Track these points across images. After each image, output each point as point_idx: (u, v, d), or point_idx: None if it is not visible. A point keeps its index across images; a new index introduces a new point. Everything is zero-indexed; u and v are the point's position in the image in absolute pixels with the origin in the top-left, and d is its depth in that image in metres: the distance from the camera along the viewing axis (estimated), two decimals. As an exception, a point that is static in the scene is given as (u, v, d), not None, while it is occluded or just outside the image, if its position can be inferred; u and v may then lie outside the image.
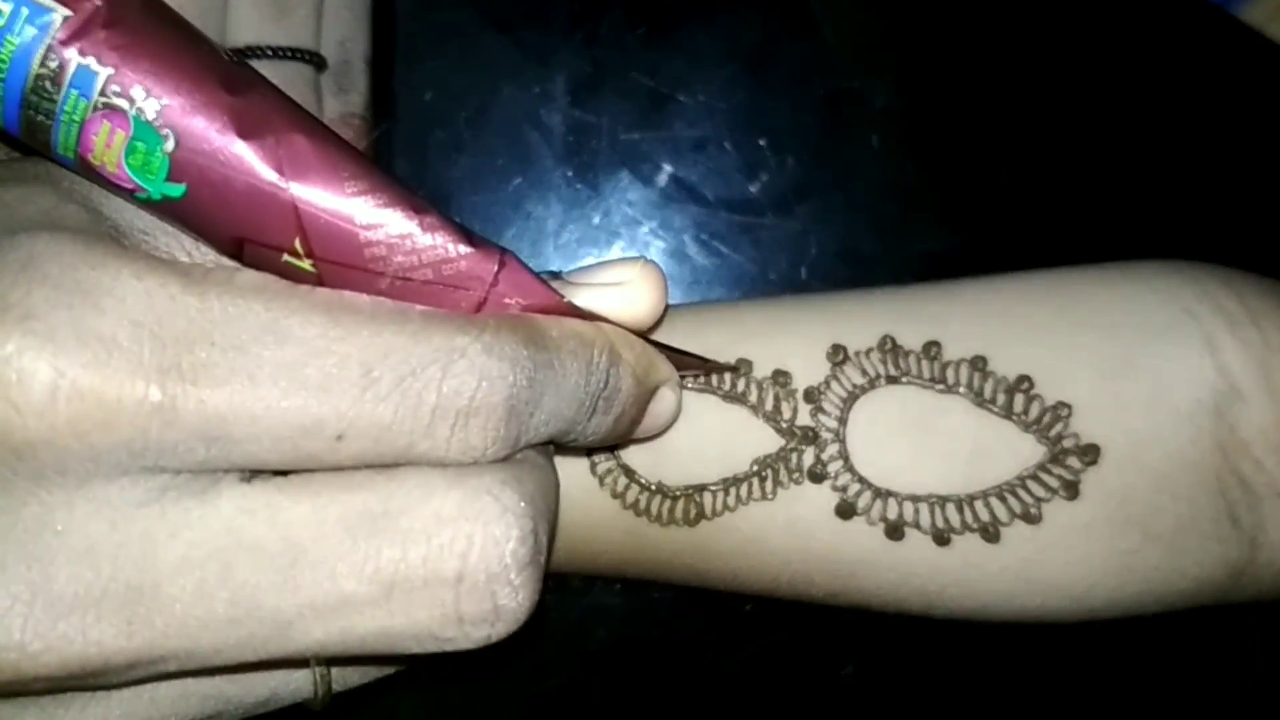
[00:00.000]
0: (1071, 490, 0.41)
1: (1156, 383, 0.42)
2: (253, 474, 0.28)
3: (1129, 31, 0.54)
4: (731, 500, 0.43)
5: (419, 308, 0.29)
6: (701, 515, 0.43)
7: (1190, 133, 0.54)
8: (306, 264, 0.29)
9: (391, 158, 0.52)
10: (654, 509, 0.43)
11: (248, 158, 0.28)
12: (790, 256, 0.52)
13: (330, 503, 0.28)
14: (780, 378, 0.43)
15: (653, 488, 0.43)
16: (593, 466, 0.43)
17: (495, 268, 0.30)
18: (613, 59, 0.53)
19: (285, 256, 0.29)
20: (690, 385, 0.43)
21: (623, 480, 0.43)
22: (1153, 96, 0.54)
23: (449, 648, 0.29)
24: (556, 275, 0.34)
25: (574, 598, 0.52)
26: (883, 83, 0.53)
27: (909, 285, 0.46)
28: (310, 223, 0.28)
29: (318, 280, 0.29)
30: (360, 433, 0.27)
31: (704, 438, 0.43)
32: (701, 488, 0.43)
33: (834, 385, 0.43)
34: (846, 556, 0.43)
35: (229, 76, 0.28)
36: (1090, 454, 0.41)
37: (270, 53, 0.45)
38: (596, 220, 0.52)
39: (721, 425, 0.43)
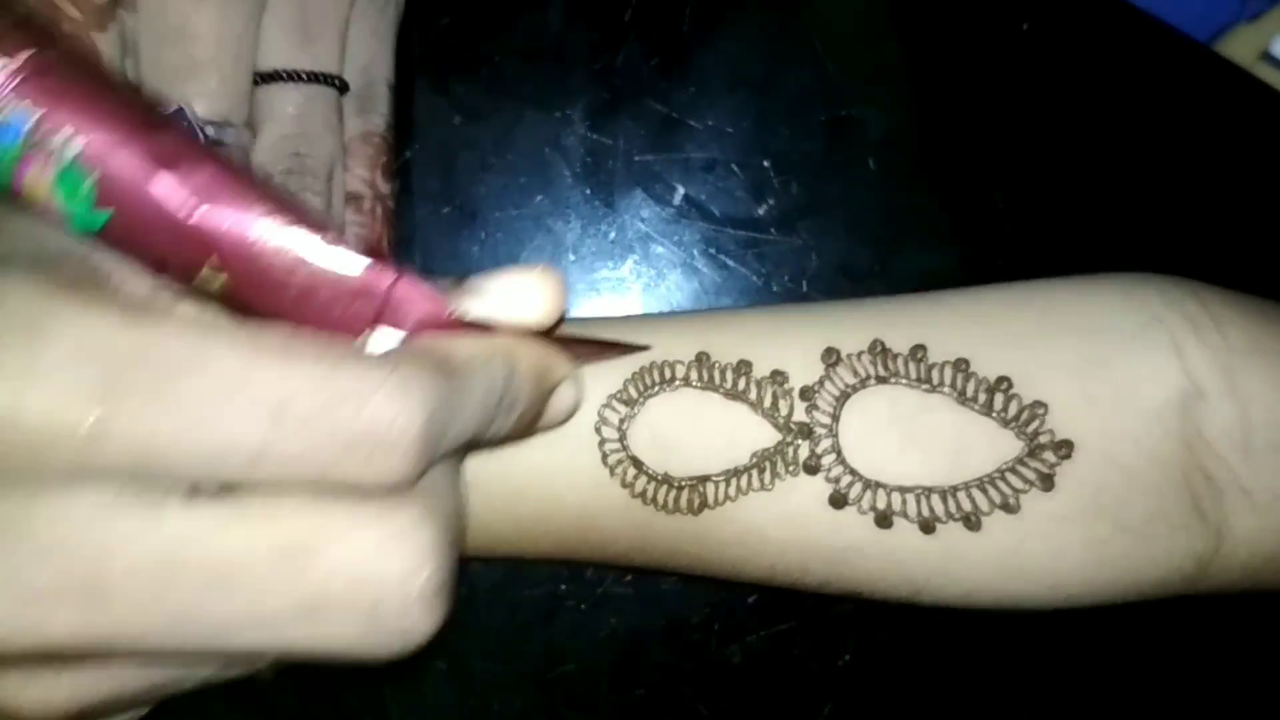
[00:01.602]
0: (1047, 483, 0.44)
1: (1127, 383, 0.45)
2: (196, 489, 0.30)
3: (1113, 64, 0.56)
4: (732, 490, 0.45)
5: (336, 344, 0.31)
6: (704, 504, 0.45)
7: (1171, 158, 0.56)
8: (221, 278, 0.32)
9: (423, 176, 0.54)
10: (661, 498, 0.45)
11: (163, 186, 0.30)
12: (792, 271, 0.55)
13: (261, 531, 0.30)
14: (778, 377, 0.46)
15: (660, 478, 0.45)
16: (604, 458, 0.45)
17: (391, 281, 0.33)
18: (628, 87, 0.55)
19: (202, 272, 0.32)
20: (694, 384, 0.46)
21: (632, 471, 0.45)
22: (1135, 124, 0.56)
23: (368, 659, 0.32)
24: (461, 279, 0.37)
25: (587, 587, 0.54)
26: (880, 112, 0.55)
27: (898, 295, 0.49)
28: (221, 242, 0.31)
29: (232, 291, 0.32)
30: (272, 460, 0.30)
31: (707, 432, 0.46)
32: (705, 478, 0.45)
33: (828, 385, 0.45)
34: (839, 544, 0.45)
35: (146, 117, 0.31)
36: (1065, 449, 0.44)
37: (296, 77, 0.48)
38: (612, 235, 0.55)
39: (724, 421, 0.46)
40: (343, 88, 0.49)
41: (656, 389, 0.46)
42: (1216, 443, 0.44)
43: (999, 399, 0.45)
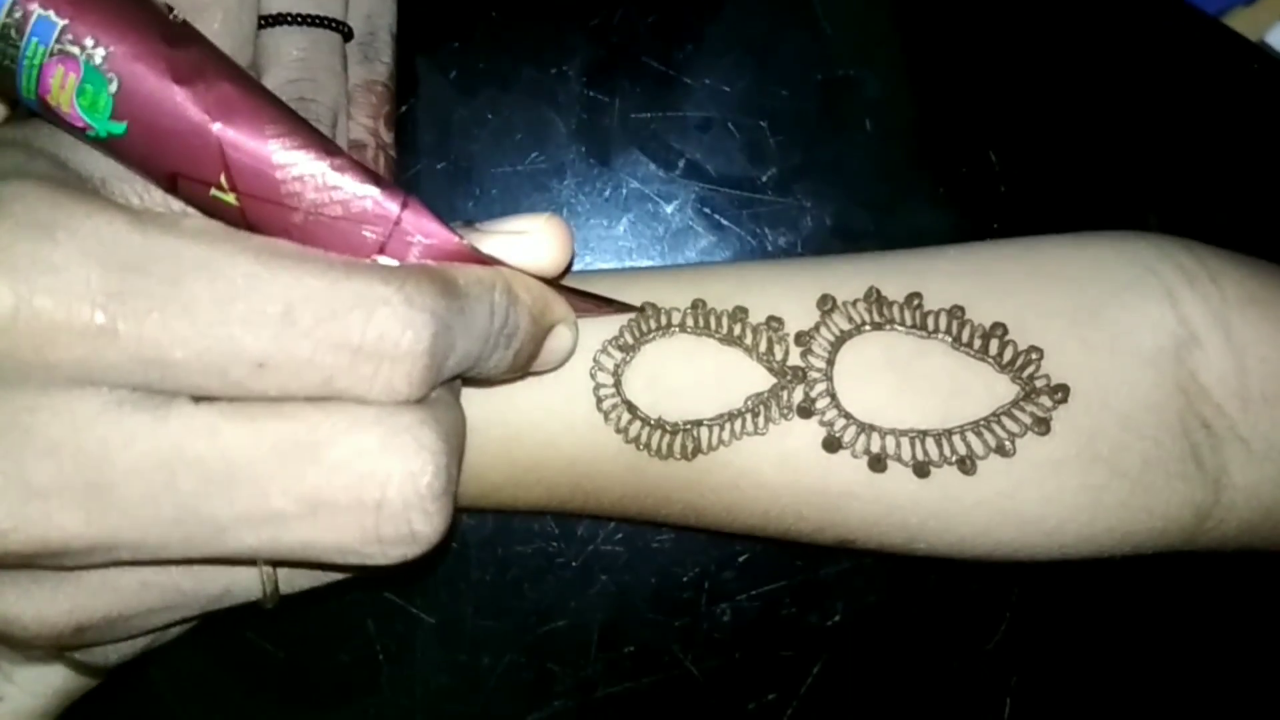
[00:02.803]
0: (1043, 426, 0.44)
1: (1121, 330, 0.45)
2: (201, 399, 0.31)
3: (1109, 26, 0.57)
4: (726, 435, 0.45)
5: (344, 258, 0.32)
6: (698, 449, 0.45)
7: (1168, 121, 0.57)
8: (231, 197, 0.32)
9: (418, 131, 0.54)
10: (654, 443, 0.45)
11: (180, 100, 0.31)
12: (787, 230, 0.55)
13: (265, 428, 0.31)
14: (773, 323, 0.46)
15: (653, 422, 0.45)
16: (598, 402, 0.45)
17: (399, 208, 0.33)
18: (625, 45, 0.55)
19: (212, 190, 0.32)
20: (689, 329, 0.46)
21: (625, 416, 0.45)
22: (1131, 87, 0.56)
23: (370, 563, 0.33)
24: (470, 223, 0.38)
25: (578, 544, 0.54)
26: (876, 72, 0.56)
27: (893, 250, 0.49)
28: (233, 161, 0.32)
29: (241, 212, 0.33)
30: (279, 365, 0.30)
31: (702, 376, 0.46)
32: (698, 423, 0.45)
33: (823, 330, 0.45)
34: (833, 489, 0.45)
35: (169, 32, 0.31)
36: (1060, 393, 0.44)
37: (299, 20, 0.48)
38: (607, 193, 0.55)
39: (718, 365, 0.46)
40: (347, 34, 0.49)
41: (652, 335, 0.46)
42: (1213, 390, 0.44)
43: (994, 344, 0.45)
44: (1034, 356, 0.44)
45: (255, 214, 0.33)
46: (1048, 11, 0.57)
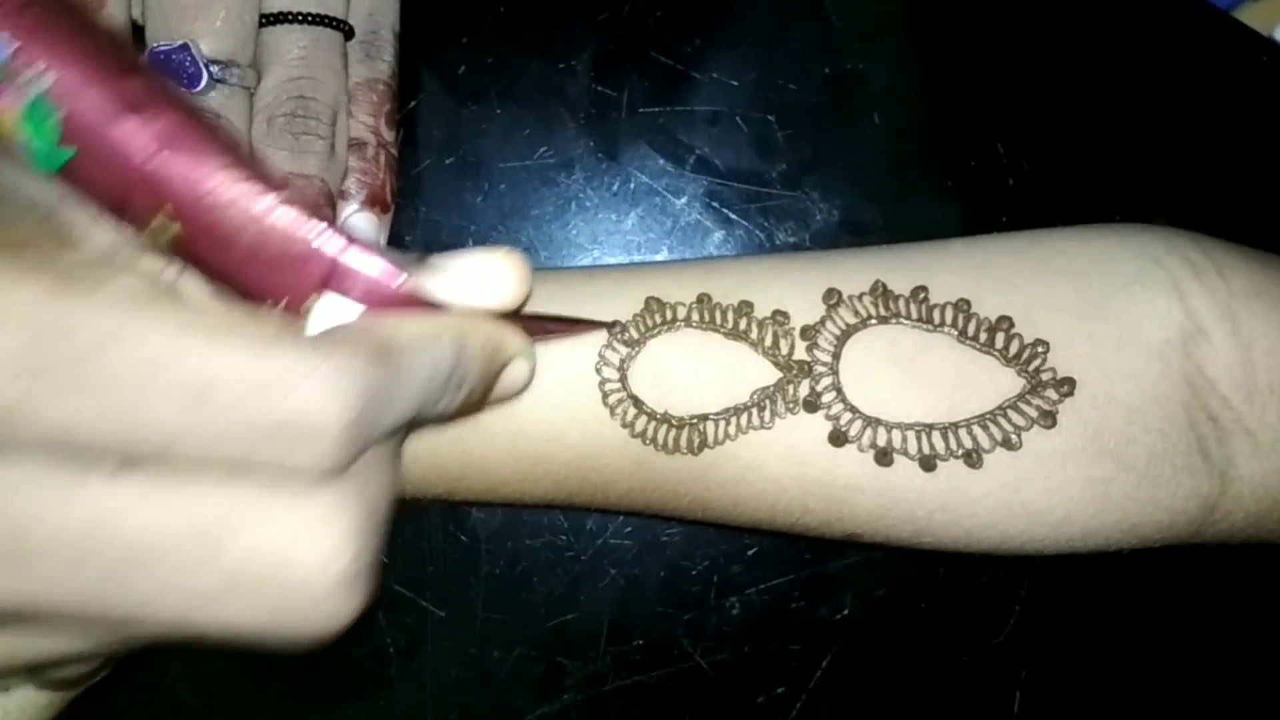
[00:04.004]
0: (1049, 419, 0.44)
1: (1128, 323, 0.45)
2: (121, 462, 0.30)
3: (1117, 18, 0.56)
4: (732, 429, 0.45)
5: (275, 325, 0.31)
6: (704, 443, 0.45)
7: (1177, 115, 0.56)
8: (174, 227, 0.32)
9: (426, 126, 0.55)
10: (660, 437, 0.45)
11: (125, 130, 0.31)
12: (796, 225, 0.55)
13: (180, 507, 0.30)
14: (779, 317, 0.46)
15: (660, 417, 0.45)
16: (604, 397, 0.45)
17: (342, 246, 0.33)
18: (634, 39, 0.55)
19: (156, 219, 0.32)
20: (695, 324, 0.46)
21: (632, 410, 0.45)
22: (1140, 80, 0.56)
23: (284, 642, 0.32)
24: (424, 256, 0.36)
25: (587, 538, 0.54)
26: (884, 66, 0.55)
27: (899, 244, 0.49)
28: (176, 192, 0.31)
29: (183, 243, 0.32)
30: (195, 441, 0.30)
31: (707, 371, 0.46)
32: (704, 417, 0.45)
33: (829, 324, 0.45)
34: (839, 482, 0.45)
35: (119, 60, 0.31)
36: (1066, 386, 0.44)
37: (302, 18, 0.48)
38: (615, 188, 0.55)
39: (724, 359, 0.46)
40: (348, 32, 0.49)
41: (658, 329, 0.46)
42: (1219, 382, 0.44)
43: (1000, 338, 0.45)
44: (1040, 350, 0.44)
45: (197, 245, 0.33)
46: (1057, 5, 0.56)
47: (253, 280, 0.34)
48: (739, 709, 0.55)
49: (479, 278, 0.36)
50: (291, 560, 0.31)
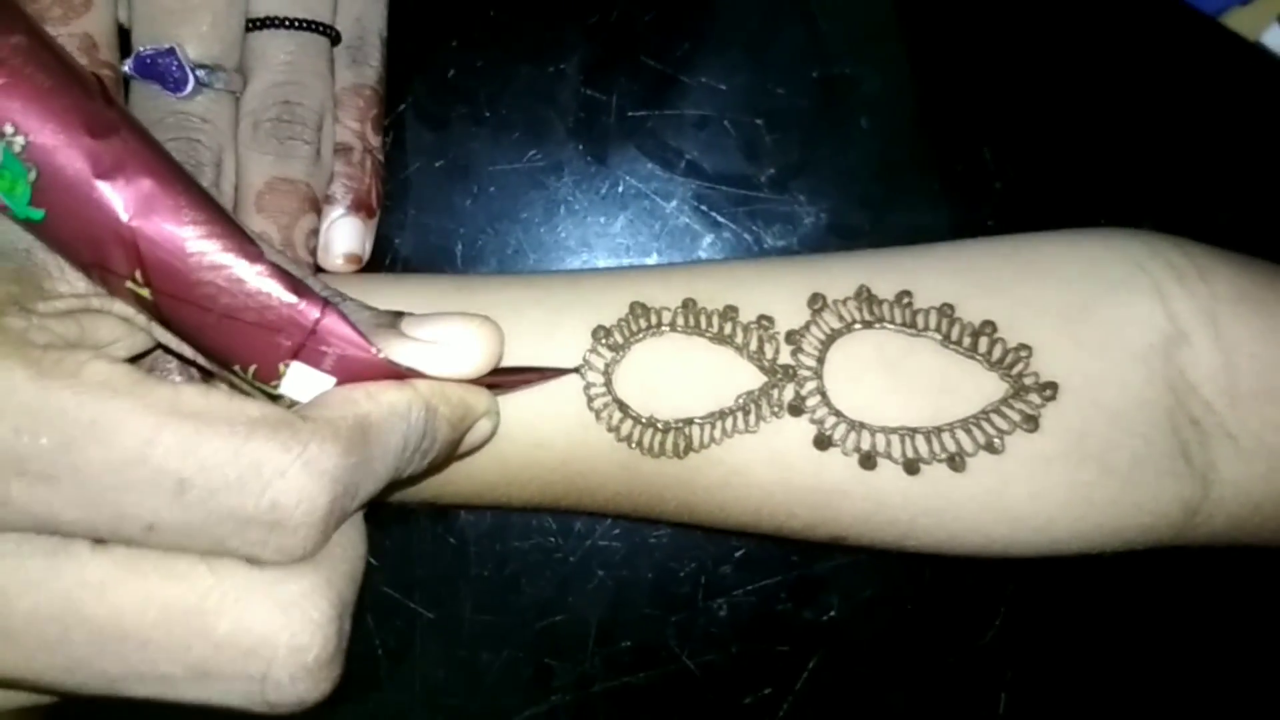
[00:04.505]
0: (1032, 423, 0.44)
1: (1111, 327, 0.45)
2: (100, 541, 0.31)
3: (1105, 22, 0.56)
4: (718, 433, 0.45)
5: (253, 410, 0.31)
6: (689, 447, 0.45)
7: (1163, 119, 0.56)
8: (145, 292, 0.32)
9: (416, 129, 0.55)
10: (646, 441, 0.46)
11: (97, 196, 0.31)
12: (783, 228, 0.55)
13: (154, 591, 0.31)
14: (764, 321, 0.46)
15: (645, 421, 0.46)
16: (589, 401, 0.45)
17: (316, 318, 0.33)
18: (622, 43, 0.55)
19: (128, 283, 0.32)
20: (680, 329, 0.46)
21: (617, 414, 0.46)
22: (1127, 85, 0.56)
23: (260, 716, 0.33)
24: (399, 315, 0.37)
25: (576, 540, 0.54)
26: (873, 70, 0.56)
27: (885, 248, 0.49)
28: (148, 258, 0.32)
29: (155, 306, 0.33)
30: (170, 529, 0.31)
31: (693, 375, 0.46)
32: (689, 421, 0.45)
33: (813, 329, 0.46)
34: (824, 486, 0.45)
35: (95, 121, 0.31)
36: (1049, 390, 0.44)
37: (289, 23, 0.48)
38: (604, 191, 0.55)
39: (709, 364, 0.46)
40: (335, 38, 0.49)
41: (643, 334, 0.46)
42: (1202, 387, 0.44)
43: (984, 342, 0.45)
44: (1023, 354, 0.44)
45: (169, 310, 0.33)
46: (1044, 10, 0.57)
47: (225, 343, 0.34)
48: (726, 710, 0.55)
49: (451, 348, 0.36)
50: (262, 652, 0.31)
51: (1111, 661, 0.56)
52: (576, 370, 0.46)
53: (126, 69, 0.45)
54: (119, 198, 0.31)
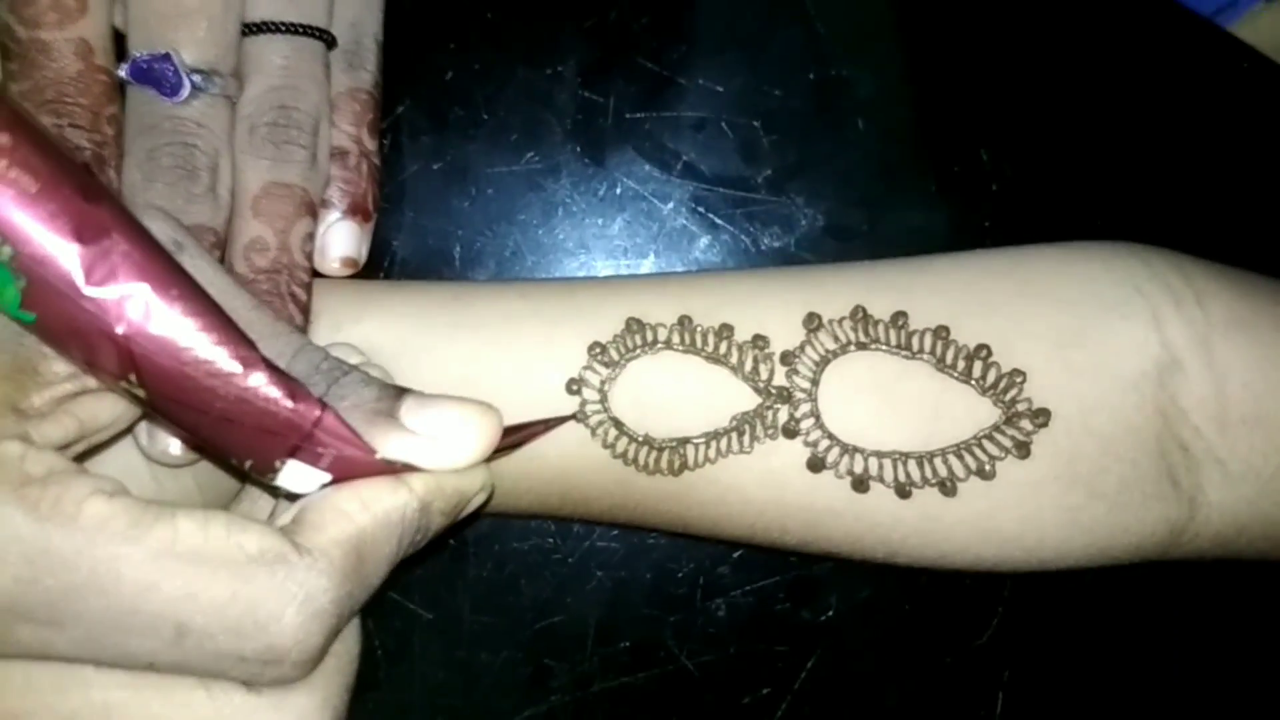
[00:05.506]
0: (1023, 450, 0.44)
1: (1105, 353, 0.45)
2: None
3: (1102, 25, 0.56)
4: (712, 453, 0.46)
5: (250, 545, 0.32)
6: (684, 466, 0.46)
7: (1161, 123, 0.56)
8: (140, 393, 0.32)
9: (413, 131, 0.54)
10: (641, 459, 0.46)
11: (87, 304, 0.31)
12: (781, 230, 0.55)
13: (156, 716, 0.32)
14: (759, 341, 0.46)
15: (640, 439, 0.46)
16: (584, 419, 0.46)
17: (313, 420, 0.33)
18: (620, 45, 0.55)
19: (122, 384, 0.32)
20: (675, 347, 0.46)
21: (613, 432, 0.46)
22: (1125, 87, 0.56)
23: None
24: (401, 395, 0.36)
25: (575, 541, 0.55)
26: (869, 72, 0.55)
27: (881, 260, 0.49)
28: (143, 364, 0.31)
29: (151, 405, 0.33)
30: (170, 666, 0.31)
31: (688, 395, 0.46)
32: (685, 440, 0.46)
33: (808, 350, 0.46)
34: (816, 507, 0.46)
35: (84, 224, 0.30)
36: (1041, 417, 0.44)
37: (284, 28, 0.48)
38: (602, 192, 0.55)
39: (705, 384, 0.46)
40: (331, 42, 0.49)
41: (638, 351, 0.46)
42: (1192, 413, 0.45)
43: (978, 366, 0.45)
44: (1016, 380, 0.45)
45: (165, 410, 0.33)
46: (1040, 12, 0.56)
47: (222, 441, 0.34)
48: (725, 710, 0.56)
49: (449, 442, 0.36)
50: None
51: (1108, 662, 0.57)
52: (574, 417, 0.46)
53: (122, 74, 0.45)
54: (111, 306, 0.31)
